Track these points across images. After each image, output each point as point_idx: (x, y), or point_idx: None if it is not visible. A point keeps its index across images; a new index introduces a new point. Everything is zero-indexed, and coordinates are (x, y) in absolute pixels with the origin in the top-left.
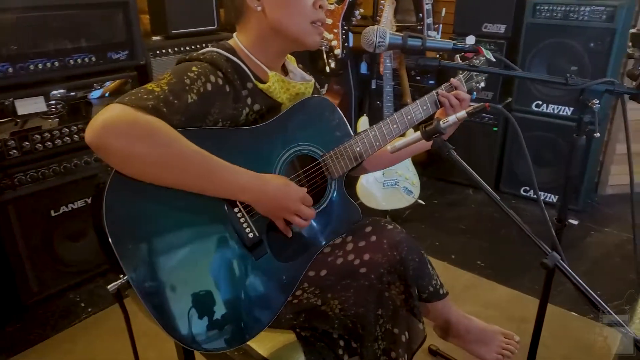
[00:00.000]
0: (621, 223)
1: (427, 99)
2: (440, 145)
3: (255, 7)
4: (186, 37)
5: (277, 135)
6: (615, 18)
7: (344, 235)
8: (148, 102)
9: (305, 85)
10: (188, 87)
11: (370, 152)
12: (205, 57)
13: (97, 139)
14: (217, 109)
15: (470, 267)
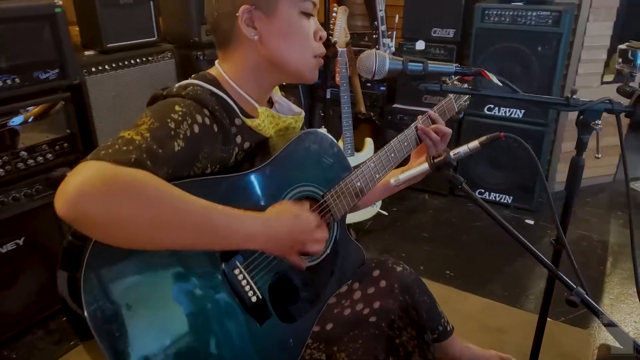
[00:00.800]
0: (572, 220)
1: (407, 135)
2: (450, 178)
3: (251, 36)
4: (124, 50)
5: (274, 179)
6: (561, 22)
7: (350, 282)
8: (129, 154)
9: (296, 119)
10: (173, 132)
11: (371, 185)
12: (188, 93)
13: (72, 209)
14: (206, 153)
15: (440, 278)
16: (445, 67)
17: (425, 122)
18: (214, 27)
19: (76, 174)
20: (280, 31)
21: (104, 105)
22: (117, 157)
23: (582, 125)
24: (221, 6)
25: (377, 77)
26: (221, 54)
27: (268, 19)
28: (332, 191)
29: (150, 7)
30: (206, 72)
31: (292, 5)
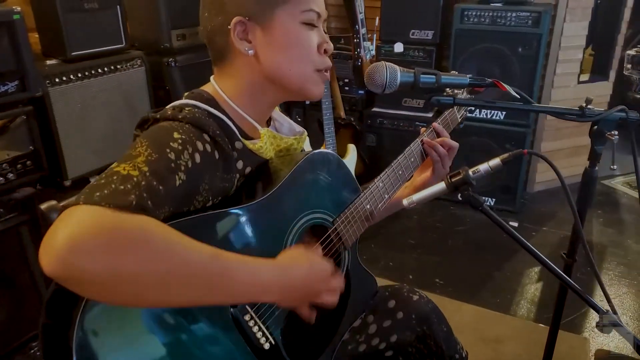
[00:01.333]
0: (555, 220)
1: (413, 150)
2: (470, 199)
3: (245, 51)
4: (90, 58)
5: (281, 209)
6: (541, 23)
7: (364, 315)
8: (128, 196)
9: (298, 139)
10: (174, 165)
11: (380, 207)
12: (185, 116)
13: (64, 267)
14: (207, 184)
15: (431, 287)
16: (458, 79)
17: (431, 135)
18: (208, 42)
19: (67, 223)
20: (277, 45)
21: (70, 118)
22: (116, 201)
23: (596, 135)
24: (213, 19)
25: (387, 91)
26: (217, 70)
27: (264, 32)
28: (343, 217)
29: (117, 12)
30: (202, 91)
31: (292, 15)
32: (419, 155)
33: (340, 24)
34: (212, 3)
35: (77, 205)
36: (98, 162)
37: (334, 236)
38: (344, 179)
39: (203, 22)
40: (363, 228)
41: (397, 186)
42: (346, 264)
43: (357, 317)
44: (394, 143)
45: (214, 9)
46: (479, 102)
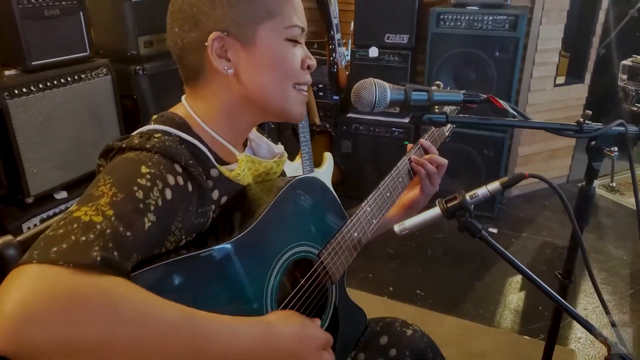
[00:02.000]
0: (533, 226)
1: (401, 169)
2: (468, 225)
3: (224, 70)
4: (51, 68)
5: (263, 245)
6: (518, 26)
7: (354, 353)
8: (91, 250)
9: (278, 162)
10: (143, 205)
11: (369, 233)
12: (154, 145)
13: (12, 341)
14: (180, 222)
15: (412, 299)
16: (452, 96)
17: (418, 152)
18: (179, 59)
19: (18, 287)
20: (261, 63)
21: (31, 132)
22: (76, 258)
23: (593, 151)
24: (185, 34)
25: (376, 110)
26: (189, 90)
27: (245, 49)
28: (329, 248)
29: (80, 19)
30: (172, 114)
31: (275, 31)
32: (406, 174)
33: (314, 27)
34: (184, 18)
35: (29, 264)
36: (62, 177)
37: (320, 270)
38: (329, 206)
39: (172, 38)
40: (351, 258)
41: (385, 209)
42: (333, 300)
43: (347, 356)
44: (370, 149)
45: (186, 23)
46: (473, 120)
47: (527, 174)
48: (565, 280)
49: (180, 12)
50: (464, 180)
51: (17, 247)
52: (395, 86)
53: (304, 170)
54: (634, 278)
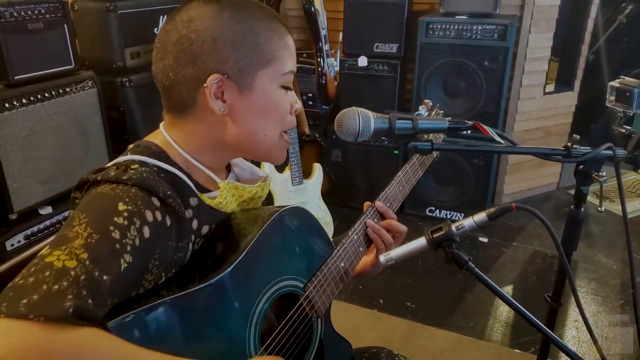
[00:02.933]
0: (524, 234)
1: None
2: (454, 257)
3: (218, 110)
4: (35, 82)
5: (246, 282)
6: (507, 36)
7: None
8: (63, 299)
9: (262, 187)
10: (119, 246)
11: (356, 263)
12: (131, 178)
13: None
14: (157, 260)
15: (402, 311)
16: (437, 124)
17: (374, 214)
18: (166, 90)
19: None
20: (255, 108)
21: (14, 147)
22: (48, 310)
23: (582, 176)
24: (181, 69)
25: (360, 139)
26: (170, 119)
27: (242, 93)
28: (315, 281)
29: (64, 31)
30: (149, 142)
31: (272, 78)
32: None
33: (302, 35)
34: (181, 51)
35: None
36: (47, 192)
37: (305, 304)
38: (315, 236)
39: (163, 69)
40: (337, 290)
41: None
42: (319, 333)
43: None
44: (360, 158)
45: (183, 58)
46: (459, 147)
47: (514, 205)
48: (554, 304)
49: (178, 44)
50: (454, 188)
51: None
52: (379, 115)
53: (293, 182)
54: (625, 288)
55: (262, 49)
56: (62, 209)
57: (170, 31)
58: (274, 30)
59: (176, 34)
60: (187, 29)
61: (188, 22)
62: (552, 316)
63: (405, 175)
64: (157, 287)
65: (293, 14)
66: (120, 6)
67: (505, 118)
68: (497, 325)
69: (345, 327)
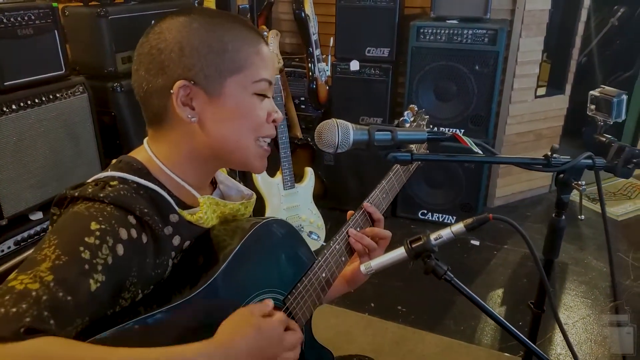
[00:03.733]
0: (515, 237)
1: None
2: (433, 267)
3: (188, 118)
4: (26, 88)
5: (225, 296)
6: (497, 40)
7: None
8: (20, 321)
9: (245, 205)
10: (89, 266)
11: (337, 272)
12: (108, 195)
13: None
14: (135, 277)
15: (393, 315)
16: (416, 135)
17: (362, 217)
18: (143, 102)
19: None
20: (224, 115)
21: (5, 152)
22: (2, 331)
23: (562, 184)
24: (152, 78)
25: (340, 150)
26: (151, 133)
27: (211, 100)
28: (295, 293)
29: (54, 37)
30: (131, 158)
31: (243, 86)
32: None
33: (294, 39)
34: (151, 61)
35: None
36: (38, 197)
37: None
38: (296, 248)
39: (138, 80)
40: (318, 301)
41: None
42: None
43: None
44: (352, 161)
45: (153, 67)
46: (439, 157)
47: (491, 216)
48: (537, 311)
49: (148, 55)
50: (445, 191)
51: None
52: (359, 126)
53: (284, 186)
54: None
55: (231, 56)
56: None
57: (144, 44)
58: (245, 38)
59: (148, 45)
60: (157, 40)
61: (159, 34)
62: (536, 323)
63: (389, 183)
64: (134, 304)
65: (285, 18)
66: (111, 11)
67: (497, 121)
68: (487, 329)
69: (337, 331)
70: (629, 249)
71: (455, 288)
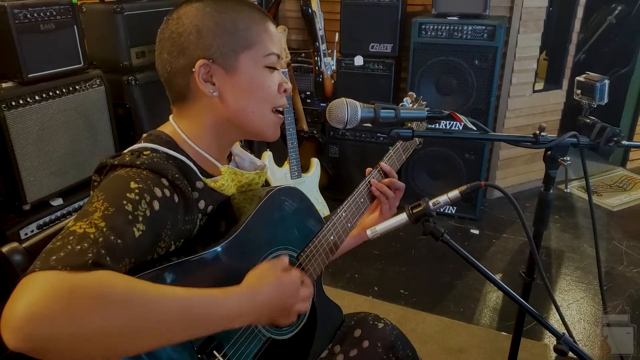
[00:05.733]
0: (514, 227)
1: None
2: (432, 229)
3: (210, 93)
4: (47, 80)
5: (246, 248)
6: (496, 36)
7: (330, 345)
8: (85, 255)
9: (259, 174)
10: (131, 217)
11: (344, 236)
12: (143, 162)
13: (27, 338)
14: (169, 230)
15: (395, 298)
16: (417, 113)
17: (378, 175)
18: (167, 82)
19: (24, 292)
20: (241, 88)
21: (28, 141)
22: (72, 262)
23: (549, 160)
24: (174, 60)
25: (349, 126)
26: (176, 110)
27: (228, 75)
28: (307, 251)
29: (74, 32)
30: (160, 132)
31: (255, 60)
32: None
33: (301, 36)
34: (172, 45)
35: (33, 272)
36: (58, 185)
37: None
38: (307, 212)
39: (161, 62)
40: (327, 260)
41: (359, 214)
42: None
43: (324, 349)
44: (357, 154)
45: (175, 50)
46: (437, 134)
47: (483, 183)
48: (528, 279)
49: (170, 40)
50: (446, 182)
51: (23, 253)
52: (366, 105)
53: (291, 176)
54: (608, 276)
55: (243, 34)
56: (72, 200)
57: (164, 29)
58: (253, 17)
59: (168, 30)
60: (176, 25)
61: (177, 20)
62: (527, 290)
63: (390, 160)
64: (168, 253)
65: (292, 15)
66: (126, 8)
67: (496, 115)
68: (485, 311)
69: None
70: (623, 237)
71: (452, 249)
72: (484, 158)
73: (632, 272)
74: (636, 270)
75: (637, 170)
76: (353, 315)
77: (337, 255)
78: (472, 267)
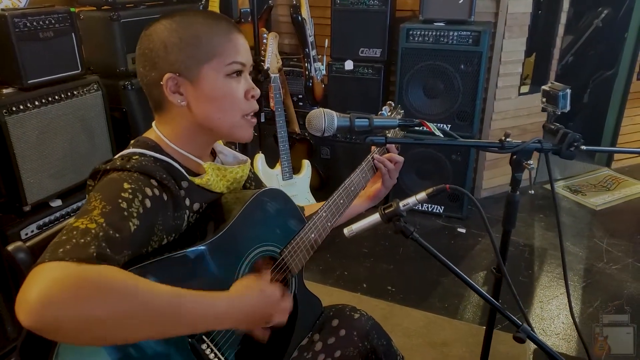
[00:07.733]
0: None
1: (365, 165)
2: (402, 228)
3: (179, 103)
4: (46, 85)
5: (233, 245)
6: (481, 42)
7: (310, 334)
8: (89, 248)
9: (243, 168)
10: (127, 213)
11: (324, 234)
12: (133, 165)
13: (39, 319)
14: (161, 224)
15: (383, 294)
16: (389, 122)
17: (381, 151)
18: (146, 92)
19: (37, 279)
20: (206, 97)
21: (28, 145)
22: (78, 254)
23: (515, 164)
24: (148, 74)
25: (326, 134)
26: (157, 117)
27: (193, 86)
28: (289, 247)
29: (72, 39)
30: (146, 138)
31: (217, 70)
32: (370, 170)
33: (293, 40)
34: (145, 60)
35: (43, 263)
36: (57, 186)
37: (282, 265)
38: (290, 212)
39: (139, 75)
40: (308, 255)
41: (339, 214)
42: (293, 289)
43: (304, 337)
44: (348, 155)
45: (148, 65)
46: (408, 140)
47: (448, 186)
48: (498, 274)
49: (143, 55)
50: (433, 182)
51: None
52: (342, 115)
53: (283, 177)
54: (587, 272)
55: (205, 47)
56: (71, 201)
57: (139, 46)
58: (217, 30)
59: (142, 47)
60: (147, 41)
61: (148, 36)
62: (498, 285)
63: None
64: (161, 247)
65: (284, 20)
66: (123, 15)
67: (483, 117)
68: (469, 307)
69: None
70: (604, 235)
71: (421, 246)
72: (470, 159)
73: (611, 269)
74: (615, 267)
75: (622, 170)
76: (332, 307)
77: (344, 221)
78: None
